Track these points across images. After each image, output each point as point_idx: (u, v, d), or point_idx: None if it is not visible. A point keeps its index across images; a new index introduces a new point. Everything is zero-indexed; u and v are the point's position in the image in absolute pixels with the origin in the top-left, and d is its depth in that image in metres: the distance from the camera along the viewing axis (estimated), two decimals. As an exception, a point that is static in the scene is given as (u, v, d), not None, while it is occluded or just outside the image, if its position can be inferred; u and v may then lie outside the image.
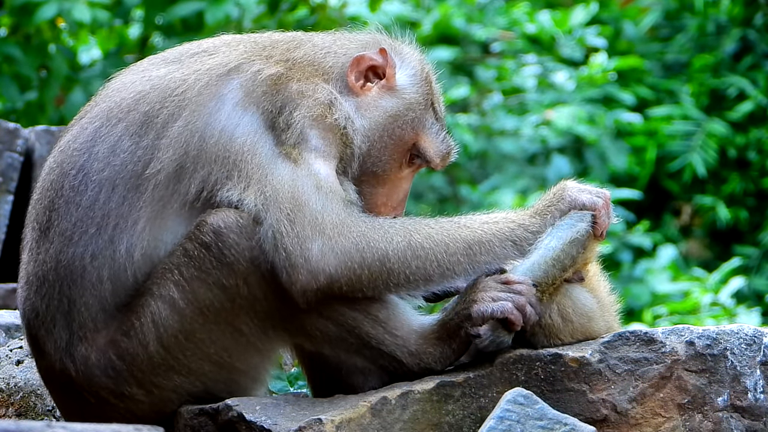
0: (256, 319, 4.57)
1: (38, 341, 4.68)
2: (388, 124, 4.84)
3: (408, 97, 4.87)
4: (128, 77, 4.78)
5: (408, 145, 4.88)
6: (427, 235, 4.56)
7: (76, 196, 4.62)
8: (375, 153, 4.82)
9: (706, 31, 14.64)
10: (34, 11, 10.38)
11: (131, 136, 4.63)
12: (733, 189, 13.98)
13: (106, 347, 4.58)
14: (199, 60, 4.75)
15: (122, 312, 4.59)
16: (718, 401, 4.61)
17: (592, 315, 4.77)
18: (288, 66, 4.73)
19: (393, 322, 4.61)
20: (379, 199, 4.87)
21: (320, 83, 4.73)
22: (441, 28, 13.88)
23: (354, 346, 4.61)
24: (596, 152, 13.79)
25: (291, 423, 4.47)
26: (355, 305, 4.57)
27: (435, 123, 4.93)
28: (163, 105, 4.64)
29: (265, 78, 4.67)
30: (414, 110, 4.87)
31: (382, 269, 4.52)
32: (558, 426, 4.39)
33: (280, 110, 4.64)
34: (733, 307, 11.35)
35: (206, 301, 4.54)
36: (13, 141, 7.70)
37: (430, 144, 4.90)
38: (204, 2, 10.68)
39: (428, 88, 4.92)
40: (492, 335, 4.56)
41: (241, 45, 4.80)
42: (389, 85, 4.85)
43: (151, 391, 4.61)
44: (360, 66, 4.82)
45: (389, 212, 4.87)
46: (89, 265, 4.58)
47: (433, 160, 4.93)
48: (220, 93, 4.64)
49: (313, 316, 4.55)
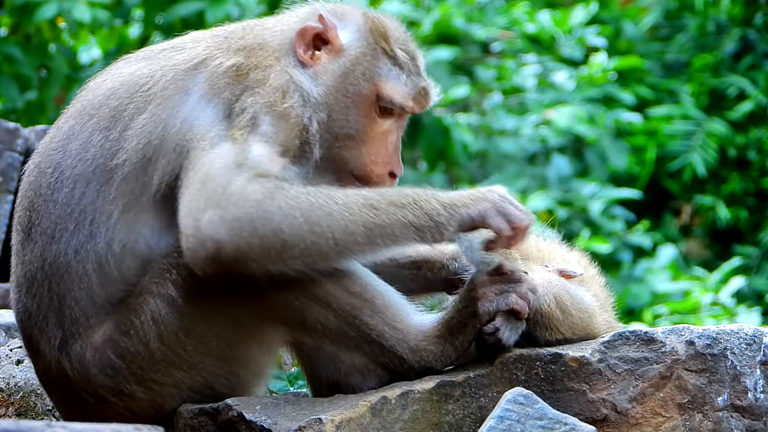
0: (258, 311, 4.58)
1: (33, 342, 4.71)
2: (339, 84, 4.83)
3: (353, 53, 4.86)
4: (102, 77, 4.87)
5: (370, 99, 4.86)
6: (329, 212, 4.47)
7: (54, 194, 4.68)
8: (338, 116, 4.82)
9: (706, 30, 14.65)
10: (34, 11, 10.39)
11: (101, 131, 4.70)
12: (733, 189, 13.98)
13: (104, 346, 4.60)
14: (166, 56, 4.81)
15: (117, 310, 4.61)
16: (718, 401, 4.61)
17: (592, 311, 4.78)
18: (245, 54, 4.78)
19: (392, 313, 4.61)
20: (366, 158, 4.85)
21: (275, 66, 4.77)
22: (441, 27, 13.88)
23: (354, 341, 4.61)
24: (596, 152, 13.79)
25: (291, 423, 4.47)
26: (351, 290, 4.57)
27: (393, 68, 4.88)
28: (131, 99, 4.71)
29: (226, 69, 4.71)
30: (361, 63, 4.86)
31: (274, 241, 4.43)
32: (558, 426, 4.39)
33: (238, 98, 4.68)
34: (733, 307, 11.35)
35: (205, 295, 4.55)
36: (13, 141, 7.70)
37: (393, 90, 4.87)
38: (204, 2, 10.69)
39: (376, 37, 4.89)
40: (507, 326, 4.58)
41: (204, 40, 4.86)
42: (335, 47, 4.86)
43: (151, 388, 4.62)
44: (305, 38, 4.84)
45: (382, 170, 4.86)
46: (73, 260, 4.62)
47: (405, 105, 4.89)
48: (186, 87, 4.70)
49: (311, 304, 4.56)
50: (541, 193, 12.95)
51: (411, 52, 4.96)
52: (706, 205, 14.03)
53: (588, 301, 4.79)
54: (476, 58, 14.30)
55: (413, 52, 4.97)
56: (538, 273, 4.74)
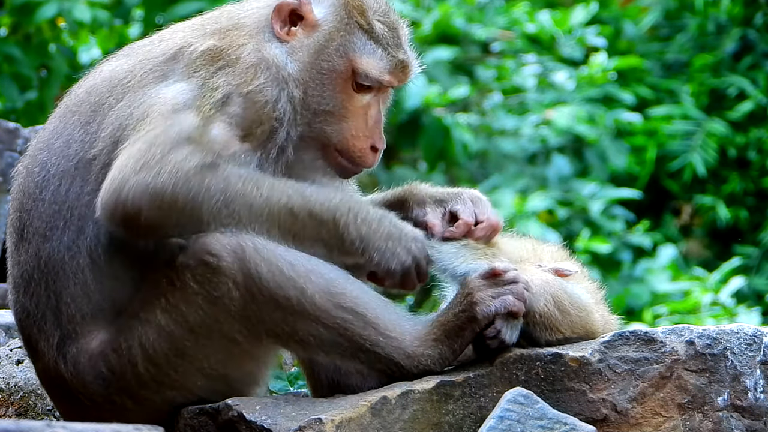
0: (250, 326, 4.55)
1: (32, 341, 4.72)
2: (314, 60, 4.81)
3: (327, 28, 4.84)
4: (85, 77, 4.91)
5: (346, 74, 4.83)
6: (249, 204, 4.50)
7: (42, 193, 4.70)
8: (314, 92, 4.80)
9: (706, 30, 14.64)
10: (35, 11, 10.39)
11: (82, 126, 4.73)
12: (733, 189, 13.98)
13: (97, 357, 4.59)
14: (146, 50, 4.84)
15: (111, 323, 4.61)
16: (718, 401, 4.61)
17: (589, 309, 4.78)
18: (220, 36, 4.78)
19: (384, 322, 4.59)
20: (347, 132, 4.83)
21: (248, 44, 4.76)
22: (441, 27, 13.87)
23: (349, 351, 4.59)
24: (596, 152, 13.78)
25: (291, 422, 4.47)
26: (342, 304, 4.55)
27: (368, 42, 4.84)
28: (111, 93, 4.73)
29: (201, 53, 4.72)
30: (335, 39, 4.83)
31: (191, 218, 4.47)
32: (558, 426, 4.39)
33: (213, 75, 4.68)
34: (733, 307, 11.35)
35: (197, 320, 4.54)
36: (13, 140, 7.70)
37: (368, 65, 4.84)
38: (204, 2, 10.69)
39: (350, 11, 4.85)
40: (507, 327, 4.58)
41: (182, 30, 4.89)
42: (309, 23, 4.84)
43: (142, 404, 4.62)
44: (281, 14, 4.83)
45: (364, 144, 4.84)
46: (66, 257, 4.63)
47: (382, 79, 4.86)
48: (164, 74, 4.71)
49: (301, 319, 4.54)
50: (541, 193, 12.94)
51: (390, 24, 4.91)
52: (706, 205, 14.03)
53: (585, 298, 4.79)
54: (476, 58, 14.29)
55: (393, 23, 4.92)
56: (533, 274, 4.74)
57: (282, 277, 4.51)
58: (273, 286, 4.50)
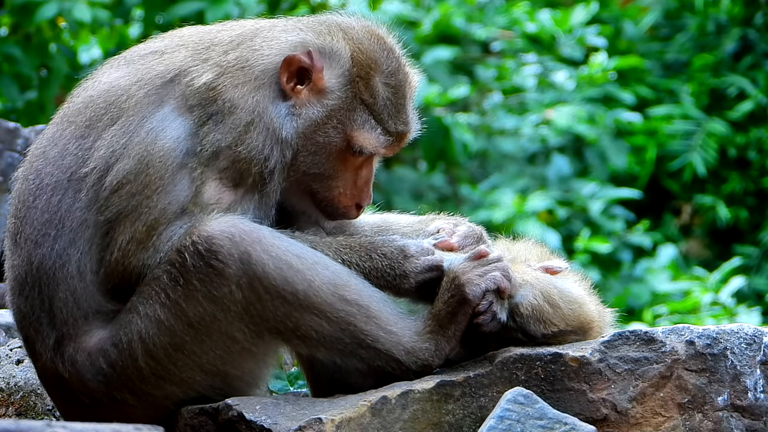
0: (251, 324, 4.56)
1: (30, 342, 4.75)
2: (311, 132, 4.79)
3: (331, 103, 4.80)
4: (87, 82, 4.90)
5: (341, 145, 4.82)
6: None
7: (35, 201, 4.72)
8: (305, 159, 4.81)
9: (706, 30, 14.64)
10: (35, 11, 10.39)
11: (77, 139, 4.74)
12: (733, 188, 13.98)
13: (96, 354, 4.61)
14: (146, 64, 4.81)
15: (109, 320, 4.63)
16: (718, 401, 4.61)
17: (582, 301, 4.79)
18: (223, 72, 4.75)
19: (386, 317, 4.61)
20: (334, 191, 4.85)
21: (249, 97, 4.73)
22: (441, 27, 13.86)
23: (350, 346, 4.60)
24: (596, 152, 13.79)
25: (291, 422, 4.47)
26: (346, 298, 4.58)
27: (369, 119, 4.82)
28: (107, 111, 4.73)
29: (199, 87, 4.71)
30: (336, 116, 4.80)
31: None
32: (558, 425, 4.39)
33: (205, 122, 4.69)
34: (733, 307, 11.35)
35: (197, 316, 4.55)
36: (13, 140, 7.70)
37: (365, 140, 4.83)
38: (204, 2, 10.69)
39: (356, 84, 4.82)
40: (495, 306, 4.58)
41: (186, 46, 4.84)
42: (318, 88, 4.79)
43: (143, 399, 4.63)
44: (291, 68, 4.77)
45: (350, 202, 4.86)
46: (57, 263, 4.65)
47: (378, 152, 4.88)
48: (160, 99, 4.71)
49: (306, 313, 4.56)
50: (541, 193, 12.94)
51: (397, 84, 4.88)
52: (706, 205, 14.03)
53: (576, 291, 4.81)
54: (476, 58, 14.29)
55: (400, 82, 4.89)
56: (523, 272, 4.76)
57: (291, 271, 4.53)
58: (280, 282, 4.53)
